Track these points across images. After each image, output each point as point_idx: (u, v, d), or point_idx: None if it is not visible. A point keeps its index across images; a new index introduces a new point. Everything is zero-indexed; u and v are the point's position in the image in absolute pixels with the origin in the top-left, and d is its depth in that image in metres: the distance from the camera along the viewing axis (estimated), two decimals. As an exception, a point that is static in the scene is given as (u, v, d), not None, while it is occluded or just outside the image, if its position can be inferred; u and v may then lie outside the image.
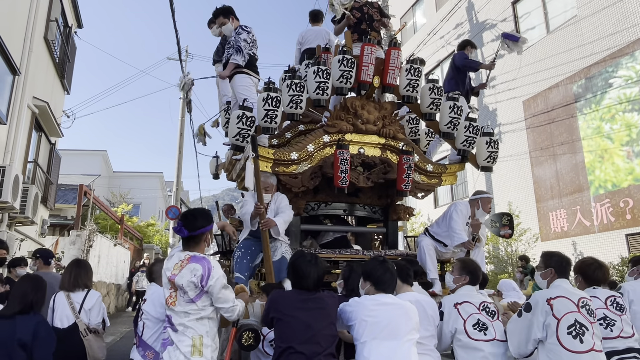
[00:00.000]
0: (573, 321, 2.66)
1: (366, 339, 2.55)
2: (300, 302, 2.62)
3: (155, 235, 22.33)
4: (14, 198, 7.35)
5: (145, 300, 3.12)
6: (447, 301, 3.18)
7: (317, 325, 2.54)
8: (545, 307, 2.72)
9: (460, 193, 14.21)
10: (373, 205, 4.91)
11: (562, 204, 10.24)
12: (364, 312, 2.60)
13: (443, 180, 4.78)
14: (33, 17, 8.53)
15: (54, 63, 10.17)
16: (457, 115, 4.52)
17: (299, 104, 3.93)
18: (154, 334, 2.97)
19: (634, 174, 8.75)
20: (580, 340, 2.63)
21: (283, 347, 2.51)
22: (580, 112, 9.95)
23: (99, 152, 26.89)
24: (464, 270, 3.32)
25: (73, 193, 15.37)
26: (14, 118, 7.92)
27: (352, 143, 4.28)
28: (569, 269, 3.00)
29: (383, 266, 2.77)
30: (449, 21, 14.04)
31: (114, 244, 13.83)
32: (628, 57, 8.93)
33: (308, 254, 2.84)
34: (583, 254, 9.52)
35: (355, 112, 4.35)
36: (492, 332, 3.00)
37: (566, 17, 10.54)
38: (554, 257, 3.01)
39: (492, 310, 3.13)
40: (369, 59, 4.22)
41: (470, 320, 3.02)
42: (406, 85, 4.44)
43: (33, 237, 9.36)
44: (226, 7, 4.86)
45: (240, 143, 3.74)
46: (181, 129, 16.85)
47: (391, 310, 2.61)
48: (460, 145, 4.62)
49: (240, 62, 4.37)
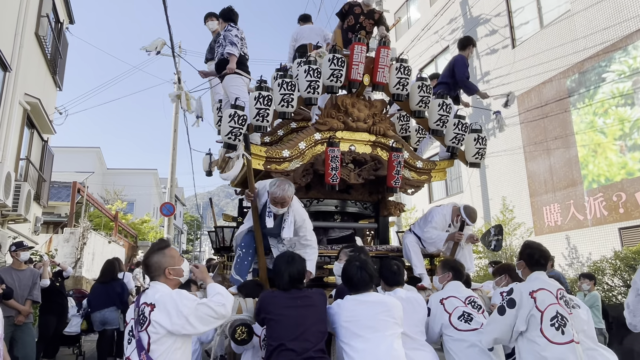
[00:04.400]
0: (555, 313, 2.68)
1: (348, 340, 2.66)
2: (289, 300, 2.71)
3: (150, 232, 22.27)
4: (6, 196, 7.30)
5: (152, 306, 2.32)
6: (433, 298, 3.31)
7: (306, 323, 2.64)
8: (529, 301, 2.73)
9: (455, 188, 14.26)
10: (364, 202, 5.00)
11: (555, 199, 10.30)
12: (343, 315, 2.72)
13: (433, 177, 4.87)
14: (24, 13, 8.45)
15: (46, 59, 10.08)
16: (446, 113, 4.59)
17: (290, 102, 3.96)
18: (167, 351, 2.31)
19: (627, 168, 8.80)
20: (562, 331, 2.65)
21: (274, 345, 2.59)
22: (573, 106, 9.99)
23: (93, 149, 26.74)
24: (446, 267, 3.50)
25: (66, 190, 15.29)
26: (5, 115, 7.85)
27: (343, 140, 4.34)
28: (544, 260, 2.97)
29: (358, 270, 2.83)
30: (443, 16, 14.04)
31: (108, 241, 13.78)
32: (621, 52, 8.96)
33: (286, 254, 2.96)
34: (577, 247, 9.58)
35: (346, 110, 4.43)
36: (477, 322, 3.10)
37: (560, 11, 10.55)
38: (526, 250, 3.04)
39: (478, 304, 3.25)
40: (359, 57, 4.28)
41: (456, 313, 3.14)
42: (396, 84, 4.49)
43: (26, 234, 9.30)
44: (225, 12, 4.88)
45: (233, 141, 3.77)
46: (175, 125, 16.73)
47: (372, 307, 2.71)
48: (449, 142, 4.70)
49: (236, 53, 4.39)
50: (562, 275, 7.85)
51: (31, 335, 5.51)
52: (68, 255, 10.85)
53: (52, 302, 6.31)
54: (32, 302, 5.50)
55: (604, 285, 7.68)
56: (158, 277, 2.48)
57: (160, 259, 2.49)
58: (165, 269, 2.48)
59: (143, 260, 2.66)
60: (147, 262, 2.51)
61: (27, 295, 5.41)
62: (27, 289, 5.43)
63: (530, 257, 2.97)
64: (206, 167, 5.69)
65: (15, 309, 5.22)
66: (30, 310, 5.45)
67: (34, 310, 6.14)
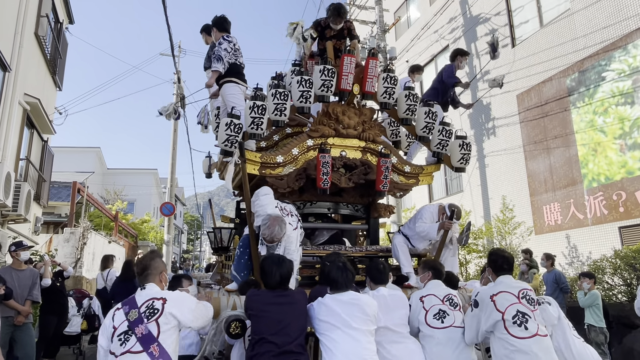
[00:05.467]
0: (515, 312, 3.00)
1: (327, 332, 2.91)
2: (272, 298, 2.96)
3: (150, 232, 22.29)
4: (6, 196, 7.30)
5: (163, 300, 2.63)
6: (414, 295, 3.55)
7: (287, 319, 2.88)
8: (489, 304, 3.08)
9: (455, 187, 14.26)
10: (355, 204, 5.19)
11: (555, 198, 10.29)
12: (322, 312, 2.95)
13: (420, 180, 5.07)
14: (23, 13, 8.45)
15: (45, 59, 10.08)
16: (432, 121, 4.80)
17: (284, 111, 4.14)
18: (173, 342, 2.60)
19: (627, 167, 8.80)
20: (525, 327, 2.96)
21: (257, 339, 2.84)
22: (573, 105, 9.98)
23: (93, 148, 26.75)
24: (426, 267, 3.76)
25: (66, 190, 15.30)
26: (4, 115, 7.85)
27: (334, 146, 4.57)
28: (507, 265, 3.29)
29: (337, 269, 3.06)
30: (442, 15, 14.04)
31: (108, 241, 13.78)
32: (621, 50, 8.96)
33: (275, 256, 3.21)
34: (577, 246, 9.58)
35: (337, 117, 4.64)
36: (450, 320, 3.34)
37: (559, 10, 10.54)
38: (492, 256, 3.39)
39: (456, 302, 3.48)
40: (348, 68, 4.46)
41: (432, 310, 3.38)
42: (383, 93, 4.67)
43: (26, 235, 9.31)
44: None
45: (229, 148, 3.96)
46: (175, 125, 16.74)
47: (348, 305, 2.94)
48: (435, 148, 4.89)
49: (221, 69, 4.53)
50: (562, 275, 7.85)
51: (31, 335, 5.51)
52: (68, 255, 10.84)
53: (52, 302, 6.31)
54: (31, 302, 5.51)
55: (604, 284, 7.69)
56: (153, 279, 2.78)
57: (159, 264, 2.86)
58: (161, 272, 2.84)
59: (142, 261, 2.87)
60: (149, 263, 2.81)
61: (26, 296, 5.41)
62: (26, 289, 5.43)
63: (494, 263, 3.32)
64: (206, 170, 5.82)
65: (14, 309, 5.22)
66: (29, 311, 5.45)
67: (34, 311, 6.15)
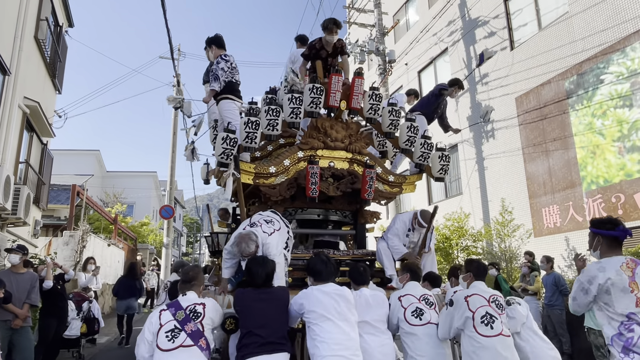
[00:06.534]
0: (484, 313, 3.43)
1: (316, 321, 3.17)
2: (257, 295, 3.29)
3: (149, 235, 22.29)
4: (6, 199, 7.31)
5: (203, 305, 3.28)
6: (393, 295, 3.92)
7: (270, 314, 3.21)
8: (463, 303, 3.50)
9: (454, 190, 14.27)
10: (344, 211, 5.54)
11: (554, 200, 10.31)
12: (310, 302, 3.24)
13: (404, 189, 5.45)
14: (23, 16, 8.47)
15: (45, 62, 10.10)
16: (414, 134, 5.17)
17: (275, 126, 4.52)
18: (211, 340, 3.24)
19: (626, 169, 8.81)
20: (491, 327, 3.38)
21: (244, 332, 3.19)
22: (572, 108, 10.00)
23: (92, 151, 26.74)
24: (405, 269, 4.18)
25: (66, 193, 15.30)
26: (4, 118, 7.86)
27: (323, 158, 4.94)
28: (485, 273, 3.83)
29: (322, 262, 3.42)
30: (441, 18, 14.07)
31: (107, 244, 13.78)
32: (619, 53, 8.98)
33: (259, 257, 3.59)
34: (576, 249, 9.59)
35: (325, 131, 5.00)
36: (427, 317, 3.72)
37: (558, 13, 10.58)
38: (473, 264, 3.84)
39: (431, 302, 3.87)
40: (336, 86, 4.85)
41: (410, 308, 3.75)
42: (369, 109, 5.04)
43: (25, 238, 9.30)
44: (208, 39, 5.30)
45: (225, 161, 4.28)
46: (174, 128, 16.75)
47: (334, 295, 3.25)
48: (417, 160, 5.29)
49: (217, 88, 4.81)
50: (562, 277, 7.85)
51: (30, 339, 5.49)
52: (67, 258, 10.84)
53: (53, 305, 6.31)
54: (30, 306, 5.49)
55: (603, 287, 7.67)
56: (196, 289, 3.38)
57: (202, 278, 3.53)
58: (202, 285, 3.49)
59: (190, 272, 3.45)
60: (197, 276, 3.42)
61: (25, 299, 5.39)
62: (25, 293, 5.41)
63: (477, 270, 3.78)
64: (204, 176, 5.95)
65: (12, 313, 5.21)
66: (27, 314, 5.41)
67: (34, 314, 6.13)
